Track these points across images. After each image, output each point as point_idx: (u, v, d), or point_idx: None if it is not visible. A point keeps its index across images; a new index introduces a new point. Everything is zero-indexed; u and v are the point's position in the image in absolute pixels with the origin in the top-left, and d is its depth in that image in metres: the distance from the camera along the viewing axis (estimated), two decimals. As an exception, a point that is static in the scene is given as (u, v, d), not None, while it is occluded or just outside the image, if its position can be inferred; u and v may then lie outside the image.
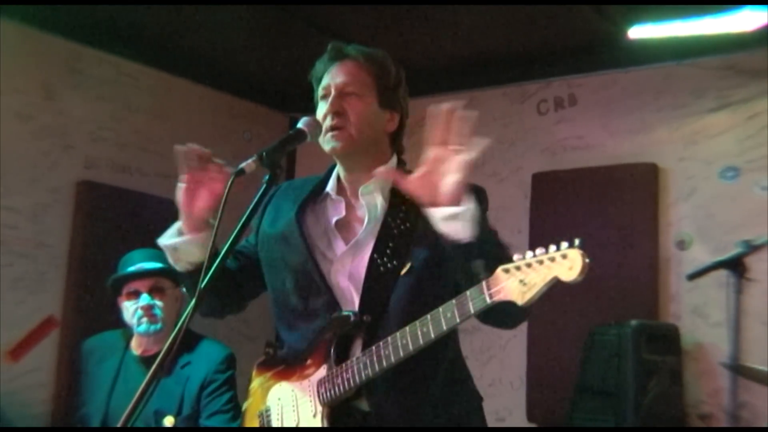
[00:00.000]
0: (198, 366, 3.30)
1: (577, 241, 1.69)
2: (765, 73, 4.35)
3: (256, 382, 2.28)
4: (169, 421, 3.18)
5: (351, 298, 2.09)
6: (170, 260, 2.20)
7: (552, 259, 1.70)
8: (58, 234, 4.55)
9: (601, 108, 4.91)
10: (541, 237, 1.71)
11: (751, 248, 3.25)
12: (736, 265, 3.24)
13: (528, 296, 1.72)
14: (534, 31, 4.63)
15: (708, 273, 3.44)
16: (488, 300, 1.76)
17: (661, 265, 4.58)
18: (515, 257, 1.75)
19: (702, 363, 4.39)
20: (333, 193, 2.20)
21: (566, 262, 1.68)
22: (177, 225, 2.19)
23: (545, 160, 5.02)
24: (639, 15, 4.29)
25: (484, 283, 1.76)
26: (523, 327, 4.82)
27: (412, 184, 1.90)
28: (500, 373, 4.92)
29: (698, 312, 4.44)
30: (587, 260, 1.67)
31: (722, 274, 3.29)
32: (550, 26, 4.53)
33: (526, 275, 1.72)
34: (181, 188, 2.17)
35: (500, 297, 1.74)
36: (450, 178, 1.84)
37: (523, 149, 5.14)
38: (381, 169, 2.04)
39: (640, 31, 4.39)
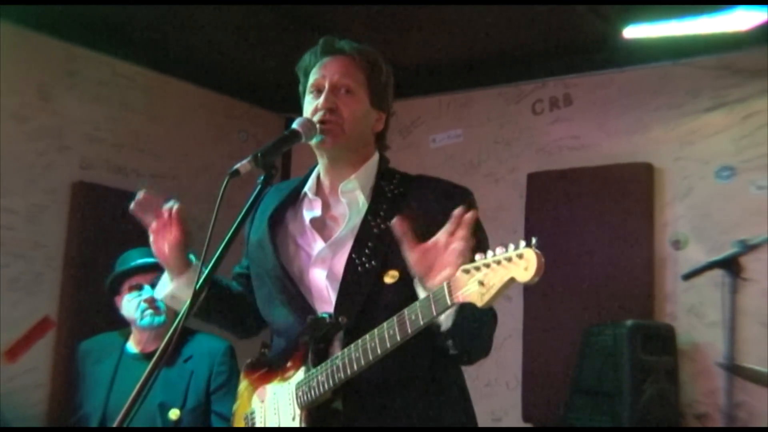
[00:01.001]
0: (201, 359, 3.31)
1: (534, 240, 1.62)
2: (761, 72, 4.36)
3: (242, 385, 2.28)
4: (174, 414, 3.19)
5: (328, 297, 2.06)
6: (177, 309, 2.25)
7: (509, 259, 1.62)
8: (54, 235, 4.55)
9: (597, 108, 4.91)
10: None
11: (747, 248, 3.25)
12: (731, 265, 3.24)
13: (486, 298, 1.65)
14: (529, 31, 4.63)
15: (703, 273, 3.44)
16: (449, 302, 1.71)
17: (656, 264, 4.59)
18: (477, 257, 1.69)
19: (698, 363, 4.39)
20: (311, 193, 2.18)
21: (522, 263, 1.60)
22: (165, 275, 2.25)
23: (541, 160, 5.02)
24: (634, 15, 4.29)
25: (446, 285, 1.72)
26: (519, 326, 4.83)
27: (414, 254, 1.85)
28: (496, 373, 4.92)
29: (694, 312, 4.45)
30: (543, 260, 1.59)
31: (718, 273, 3.29)
32: (546, 26, 4.53)
33: (485, 276, 1.65)
34: (150, 239, 2.22)
35: (461, 299, 1.69)
36: (443, 272, 1.79)
37: (518, 149, 5.15)
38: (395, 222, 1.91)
39: (635, 31, 4.39)
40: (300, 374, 2.04)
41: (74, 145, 4.67)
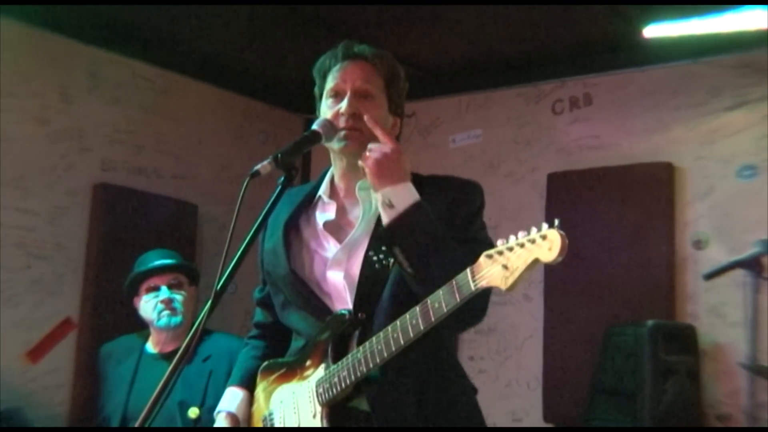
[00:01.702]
0: (220, 359, 3.33)
1: (556, 221, 1.65)
2: (782, 71, 4.33)
3: (259, 387, 2.28)
4: (194, 413, 3.22)
5: (346, 298, 2.07)
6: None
7: (532, 241, 1.65)
8: (75, 236, 4.58)
9: (617, 107, 4.89)
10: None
11: (770, 247, 3.23)
12: (753, 265, 3.22)
13: (510, 281, 1.67)
14: (549, 30, 4.62)
15: (725, 273, 3.42)
16: (473, 287, 1.72)
17: (678, 264, 4.56)
18: (498, 242, 1.72)
19: (720, 363, 4.36)
20: (325, 197, 2.19)
21: (546, 243, 1.63)
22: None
23: (561, 160, 5.01)
24: (654, 14, 4.27)
25: (468, 270, 1.74)
26: (539, 327, 4.81)
27: None
28: (516, 374, 4.91)
29: (716, 312, 4.42)
30: (567, 241, 1.61)
31: (740, 273, 3.27)
32: (565, 26, 4.52)
33: (508, 260, 1.68)
34: None
35: (485, 284, 1.71)
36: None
37: (538, 149, 5.14)
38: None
39: (655, 30, 4.37)
40: (320, 371, 2.05)
41: (95, 147, 4.71)
